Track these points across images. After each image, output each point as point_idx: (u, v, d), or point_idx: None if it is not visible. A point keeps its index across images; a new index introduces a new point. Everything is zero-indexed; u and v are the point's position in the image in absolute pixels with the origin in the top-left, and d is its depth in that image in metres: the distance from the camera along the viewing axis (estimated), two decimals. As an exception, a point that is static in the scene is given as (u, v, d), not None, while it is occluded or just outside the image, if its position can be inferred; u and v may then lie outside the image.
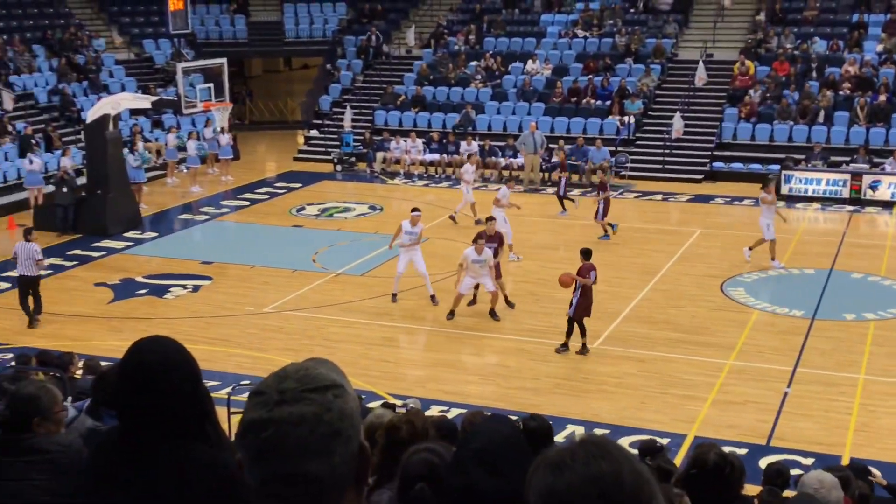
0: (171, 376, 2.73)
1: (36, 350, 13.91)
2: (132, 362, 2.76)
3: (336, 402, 2.02)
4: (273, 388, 2.02)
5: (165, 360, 2.75)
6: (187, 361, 2.82)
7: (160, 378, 2.71)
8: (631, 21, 36.28)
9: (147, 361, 2.74)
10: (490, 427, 2.72)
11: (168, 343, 2.85)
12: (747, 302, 19.33)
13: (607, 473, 1.82)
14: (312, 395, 2.01)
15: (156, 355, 2.77)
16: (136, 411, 2.73)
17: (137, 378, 2.73)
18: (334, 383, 2.05)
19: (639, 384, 15.53)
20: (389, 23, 39.69)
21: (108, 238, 24.28)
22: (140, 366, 2.75)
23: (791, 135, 30.36)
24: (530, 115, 32.79)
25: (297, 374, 2.05)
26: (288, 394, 2.00)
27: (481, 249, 17.76)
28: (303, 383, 2.02)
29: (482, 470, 2.64)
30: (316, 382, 2.03)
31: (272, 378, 2.06)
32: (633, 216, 26.66)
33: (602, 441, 1.88)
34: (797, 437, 13.71)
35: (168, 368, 2.74)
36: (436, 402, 14.69)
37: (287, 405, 1.99)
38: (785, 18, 34.80)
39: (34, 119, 31.45)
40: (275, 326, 18.40)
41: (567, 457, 1.85)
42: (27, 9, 37.17)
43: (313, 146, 34.95)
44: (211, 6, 41.11)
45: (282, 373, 2.06)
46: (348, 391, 2.07)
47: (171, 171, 31.19)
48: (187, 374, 2.78)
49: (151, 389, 2.70)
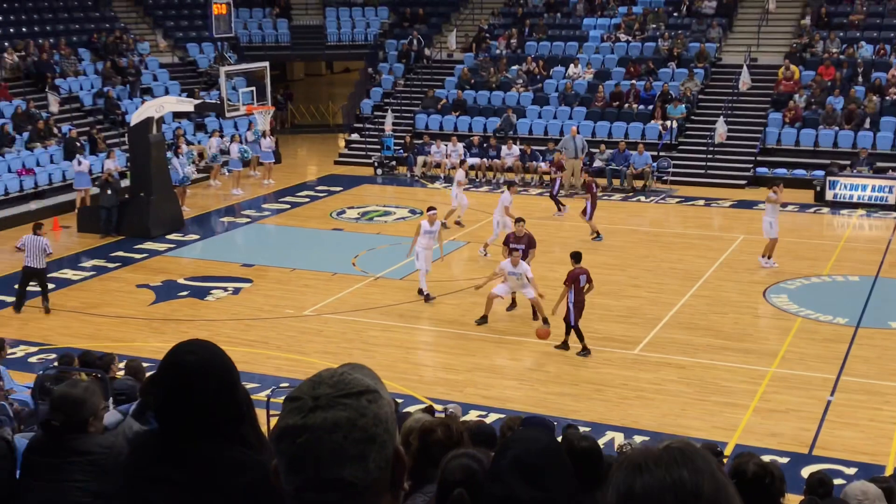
0: (208, 379, 2.75)
1: (79, 351, 14.05)
2: (170, 364, 2.80)
3: (370, 408, 2.01)
4: (308, 394, 2.02)
5: (203, 363, 2.78)
6: (225, 364, 2.84)
7: (197, 380, 2.74)
8: (674, 25, 36.07)
9: (185, 363, 2.77)
10: (528, 436, 2.69)
11: (207, 346, 2.87)
12: (790, 309, 19.11)
13: (687, 481, 1.81)
14: (347, 400, 2.00)
15: (194, 357, 2.80)
16: (175, 412, 2.76)
17: (175, 380, 2.77)
18: (368, 388, 2.04)
19: (679, 391, 15.40)
20: (431, 27, 39.74)
21: (151, 240, 24.50)
22: (178, 368, 2.78)
23: (836, 140, 30.02)
24: (572, 119, 32.68)
25: (331, 379, 2.05)
26: (322, 399, 2.00)
27: (517, 262, 17.65)
28: (337, 389, 2.02)
29: (520, 479, 2.62)
30: (350, 388, 2.03)
31: (307, 384, 2.06)
32: (675, 221, 26.48)
33: (689, 449, 1.87)
34: (840, 446, 13.53)
35: (206, 371, 2.77)
36: (474, 407, 14.66)
37: (321, 411, 1.99)
38: (830, 22, 34.42)
39: (79, 122, 31.83)
40: (314, 329, 18.46)
41: (650, 459, 1.85)
42: (73, 13, 37.64)
43: (354, 150, 35.06)
44: (254, 10, 41.40)
45: (316, 378, 2.07)
46: (383, 396, 2.06)
47: (215, 174, 31.43)
48: (225, 376, 2.80)
49: (189, 391, 2.74)
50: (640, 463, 1.85)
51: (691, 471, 1.82)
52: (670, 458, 1.84)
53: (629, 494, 1.83)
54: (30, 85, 32.68)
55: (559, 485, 2.65)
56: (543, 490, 2.59)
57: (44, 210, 27.16)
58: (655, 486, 1.81)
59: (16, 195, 27.19)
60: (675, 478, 1.81)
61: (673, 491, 1.80)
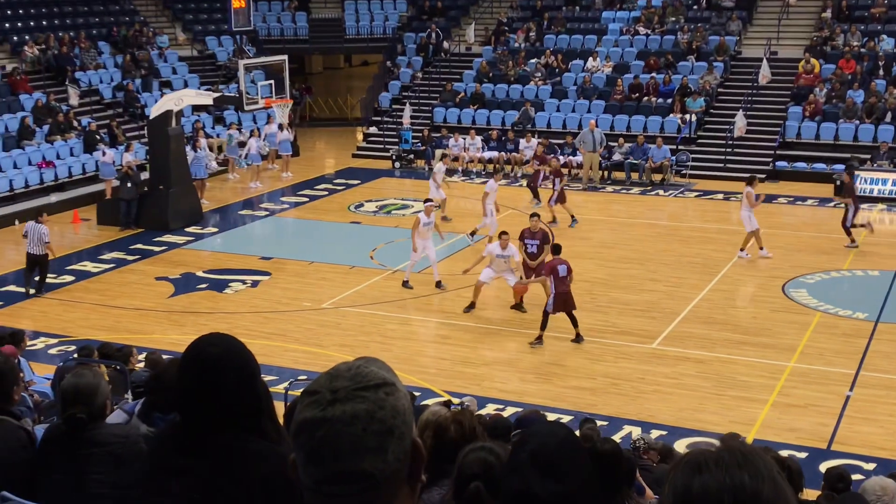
0: (229, 371, 2.81)
1: (98, 342, 14.13)
2: (192, 356, 2.84)
3: (388, 400, 2.02)
4: (325, 388, 2.03)
5: (225, 355, 2.83)
6: (246, 357, 2.88)
7: (219, 372, 2.79)
8: (693, 18, 35.90)
9: (207, 355, 2.82)
10: (545, 430, 2.70)
11: (228, 339, 2.92)
12: (809, 303, 19.03)
13: (747, 485, 1.81)
14: (365, 392, 2.01)
15: (216, 349, 2.85)
16: (196, 404, 2.80)
17: (196, 372, 2.81)
18: (385, 381, 2.05)
19: (697, 385, 15.37)
20: (450, 20, 39.69)
21: (170, 233, 24.60)
22: (199, 360, 2.82)
23: (857, 134, 29.84)
24: (590, 112, 32.59)
25: (348, 372, 2.06)
26: (340, 392, 2.01)
27: (506, 244, 17.91)
28: (355, 381, 2.03)
29: (537, 473, 2.62)
30: (367, 380, 2.04)
31: (324, 377, 2.07)
32: (694, 215, 26.40)
33: (751, 452, 1.86)
34: (859, 441, 13.48)
35: (227, 363, 2.82)
36: (492, 401, 14.67)
37: (340, 404, 2.00)
38: (851, 15, 34.19)
39: (99, 115, 31.97)
40: (332, 322, 18.50)
41: (711, 460, 1.85)
42: (93, 6, 37.79)
43: (372, 143, 35.09)
44: (273, 3, 41.48)
45: (333, 372, 2.07)
46: (400, 389, 2.07)
47: (233, 168, 31.53)
48: (246, 369, 2.85)
49: (209, 383, 2.78)
50: (700, 462, 1.85)
51: (752, 474, 1.82)
52: (731, 460, 1.84)
53: (686, 494, 1.83)
54: (50, 78, 32.83)
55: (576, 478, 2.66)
56: (561, 483, 2.59)
57: (63, 202, 27.33)
58: (714, 486, 1.81)
59: (36, 188, 27.35)
60: (736, 481, 1.81)
61: (732, 493, 1.80)
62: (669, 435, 13.28)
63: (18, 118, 29.11)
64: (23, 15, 35.18)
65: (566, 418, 13.67)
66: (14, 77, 31.14)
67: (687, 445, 13.11)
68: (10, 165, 27.44)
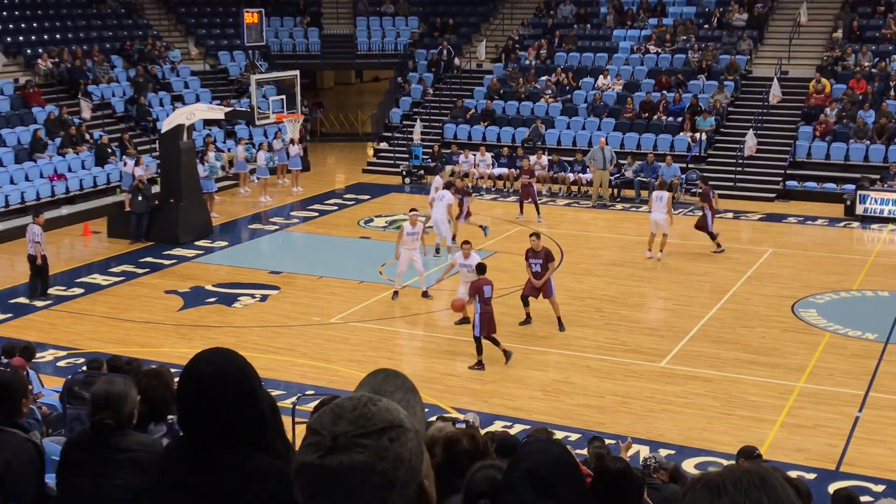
0: (226, 388, 2.76)
1: (107, 355, 14.14)
2: (188, 374, 2.82)
3: (392, 448, 1.95)
4: (327, 430, 1.97)
5: (221, 372, 2.79)
6: (244, 372, 2.83)
7: (215, 389, 2.76)
8: (704, 37, 35.95)
9: (202, 373, 2.79)
10: (540, 448, 2.69)
11: (226, 355, 2.86)
12: (819, 324, 18.97)
13: None
14: (366, 440, 1.94)
15: (212, 367, 2.80)
16: (194, 422, 2.78)
17: (192, 390, 2.78)
18: (392, 424, 1.97)
19: (706, 404, 15.32)
20: (461, 36, 39.81)
21: (180, 246, 24.64)
22: (195, 377, 2.80)
23: (867, 154, 29.80)
24: (600, 130, 32.62)
25: (352, 413, 1.98)
26: (340, 439, 1.94)
27: (468, 254, 18.10)
28: (357, 426, 1.95)
29: (532, 491, 2.61)
30: (371, 425, 1.96)
31: (328, 415, 2.00)
32: (704, 234, 26.32)
33: (768, 475, 1.85)
34: (868, 463, 13.41)
35: (223, 380, 2.78)
36: (499, 418, 14.64)
37: (339, 453, 1.93)
38: (863, 36, 34.20)
39: (111, 128, 32.10)
40: (340, 337, 18.50)
41: (729, 482, 1.83)
42: (107, 20, 38.00)
43: (382, 158, 35.16)
44: (285, 19, 41.64)
45: (338, 410, 2.00)
46: (407, 430, 1.99)
47: (243, 182, 31.61)
48: (244, 385, 2.81)
49: (206, 401, 2.75)
50: (719, 484, 1.83)
51: (771, 498, 1.81)
52: (750, 483, 1.82)
53: None
54: (63, 91, 33.01)
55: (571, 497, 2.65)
56: (556, 502, 2.59)
57: (74, 215, 27.43)
58: None
59: (47, 200, 27.43)
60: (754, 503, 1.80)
61: None
62: (678, 454, 13.23)
63: (31, 131, 29.26)
64: (36, 28, 35.40)
65: (574, 436, 13.64)
66: (27, 90, 31.31)
67: (696, 465, 13.07)
68: (22, 177, 27.56)
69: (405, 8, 41.70)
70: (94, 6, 38.21)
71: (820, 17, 35.64)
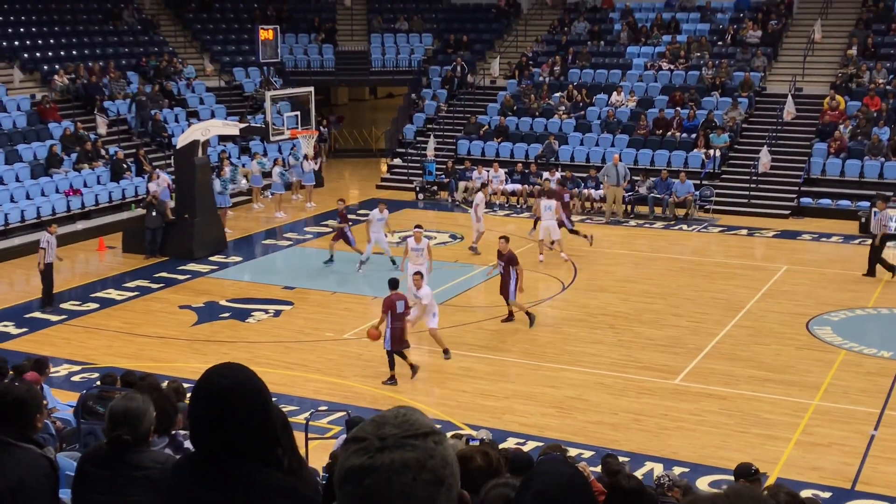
0: (239, 402, 2.76)
1: (121, 370, 14.18)
2: (201, 388, 2.81)
3: (438, 449, 1.99)
4: (373, 434, 1.99)
5: (234, 387, 2.78)
6: (256, 388, 2.82)
7: (228, 404, 2.75)
8: (718, 54, 35.94)
9: (216, 387, 2.78)
10: (551, 469, 2.68)
11: (239, 369, 2.85)
12: (834, 341, 18.89)
13: None
14: (414, 441, 1.97)
15: (225, 381, 2.80)
16: (206, 436, 2.78)
17: (205, 404, 2.78)
18: (433, 430, 2.02)
19: (720, 422, 15.25)
20: (475, 53, 39.91)
21: (194, 261, 24.72)
22: (208, 392, 2.79)
23: (882, 171, 29.71)
24: (614, 146, 32.63)
25: (395, 420, 2.02)
26: (389, 440, 1.97)
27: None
28: (403, 429, 1.99)
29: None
30: (416, 428, 2.00)
31: (370, 424, 2.03)
32: (718, 251, 26.29)
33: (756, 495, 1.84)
34: (884, 481, 13.32)
35: (236, 394, 2.77)
36: (512, 434, 14.61)
37: (389, 451, 1.95)
38: (877, 53, 34.13)
39: (126, 144, 32.27)
40: (354, 353, 18.50)
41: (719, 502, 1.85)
42: (123, 37, 38.24)
43: (396, 174, 35.22)
44: (300, 36, 41.82)
45: (380, 419, 2.03)
46: (446, 438, 2.04)
47: (257, 197, 31.71)
48: (256, 400, 2.80)
49: (219, 415, 2.75)
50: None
51: None
52: None
53: None
54: (79, 107, 33.20)
55: None
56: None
57: (90, 230, 27.56)
58: None
59: (63, 215, 27.56)
60: None
61: None
62: (692, 472, 13.17)
63: (47, 146, 29.43)
64: (53, 45, 35.64)
65: (587, 454, 13.60)
66: (43, 105, 31.51)
67: (709, 483, 13.01)
68: (38, 193, 27.72)
69: (419, 25, 41.83)
70: (111, 23, 38.48)
71: (834, 34, 35.60)
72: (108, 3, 39.22)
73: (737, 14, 37.68)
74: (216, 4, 42.23)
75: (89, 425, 9.21)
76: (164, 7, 41.64)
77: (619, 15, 39.35)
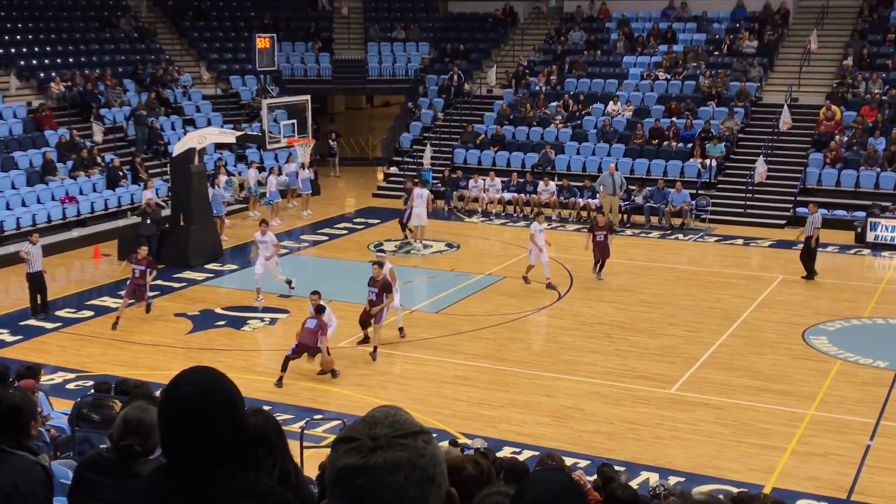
0: (206, 409, 2.71)
1: (116, 378, 14.15)
2: (167, 397, 2.78)
3: (428, 448, 2.02)
4: (365, 434, 2.02)
5: (200, 393, 2.73)
6: (223, 392, 2.77)
7: (194, 411, 2.70)
8: (714, 64, 36.01)
9: (180, 396, 2.74)
10: (545, 477, 2.67)
11: (207, 374, 2.80)
12: (829, 351, 18.90)
13: None
14: (405, 440, 2.01)
15: (190, 388, 2.75)
16: (175, 444, 2.75)
17: (171, 412, 2.74)
18: (423, 429, 2.05)
19: (715, 432, 15.24)
20: (471, 62, 39.96)
21: (190, 269, 24.68)
22: (173, 400, 2.75)
23: (878, 181, 29.76)
24: (610, 156, 32.67)
25: (386, 419, 2.05)
26: (381, 440, 2.00)
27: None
28: (394, 429, 2.02)
29: None
30: (406, 428, 2.03)
31: (361, 424, 2.05)
32: (714, 260, 26.31)
33: None
34: (880, 492, 13.31)
35: (202, 401, 2.72)
36: (508, 444, 14.59)
37: (382, 451, 1.98)
38: (873, 63, 34.22)
39: (122, 151, 32.25)
40: (349, 361, 18.46)
41: None
42: (120, 44, 38.25)
43: (393, 183, 35.23)
44: (297, 44, 41.84)
45: (370, 419, 2.06)
46: (433, 436, 2.07)
47: (253, 205, 31.70)
48: (222, 405, 2.75)
49: (185, 423, 2.71)
50: None
51: None
52: None
53: None
54: (75, 114, 33.19)
55: None
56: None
57: (85, 238, 27.52)
58: None
59: (58, 223, 27.54)
60: None
61: None
62: (687, 482, 13.15)
63: (42, 153, 29.40)
64: (49, 52, 35.63)
65: (583, 463, 13.58)
66: (40, 113, 31.48)
67: (709, 492, 12.98)
68: (34, 200, 27.68)
69: (416, 34, 41.89)
70: (107, 30, 38.49)
71: (830, 44, 35.70)
72: (104, 11, 39.25)
73: (733, 24, 37.78)
74: (213, 13, 42.26)
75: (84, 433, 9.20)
76: (160, 15, 41.66)
77: (615, 24, 39.44)
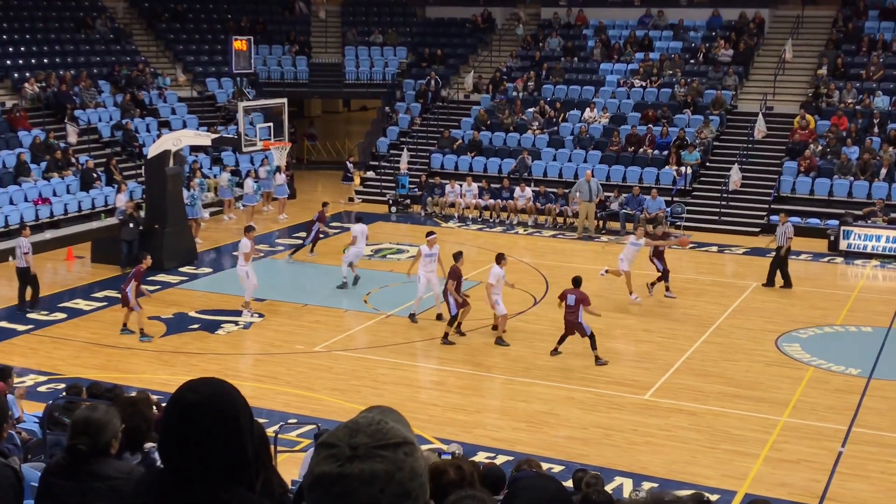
0: (210, 419, 2.64)
1: (88, 381, 14.03)
2: (172, 404, 2.71)
3: (407, 461, 2.00)
4: (345, 442, 2.00)
5: (206, 402, 2.65)
6: (230, 404, 2.70)
7: (197, 421, 2.63)
8: (690, 72, 36.20)
9: (186, 402, 2.67)
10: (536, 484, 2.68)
11: (213, 385, 2.72)
12: (802, 358, 19.01)
13: None
14: (384, 452, 1.98)
15: (196, 395, 2.68)
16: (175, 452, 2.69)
17: (175, 419, 2.68)
18: (405, 440, 2.03)
19: (689, 438, 15.29)
20: (449, 67, 39.99)
21: (164, 272, 24.53)
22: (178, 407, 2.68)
23: (851, 190, 29.99)
24: (586, 162, 32.76)
25: (368, 428, 2.03)
26: (360, 449, 1.98)
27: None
28: (375, 439, 2.00)
29: None
30: (388, 438, 2.01)
31: (343, 430, 2.03)
32: (688, 267, 26.40)
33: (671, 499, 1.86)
34: (851, 498, 13.39)
35: (208, 410, 2.65)
36: (483, 449, 14.58)
37: (359, 461, 1.96)
38: (847, 73, 34.50)
39: (97, 153, 32.04)
40: (324, 366, 18.42)
41: None
42: (95, 45, 38.01)
43: (369, 187, 35.19)
44: (273, 47, 41.75)
45: (353, 426, 2.04)
46: (417, 448, 2.05)
47: (228, 208, 31.56)
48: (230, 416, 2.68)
49: (187, 432, 2.64)
50: None
51: None
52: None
53: None
54: (49, 115, 32.95)
55: None
56: (552, 537, 2.57)
57: (58, 240, 27.31)
58: None
59: (31, 224, 27.29)
60: None
61: None
62: (661, 487, 13.17)
63: (16, 154, 29.15)
64: (24, 52, 35.38)
65: (557, 468, 13.59)
66: (13, 114, 31.24)
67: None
68: (7, 201, 27.45)
69: (394, 38, 41.87)
70: (83, 31, 38.25)
71: (805, 53, 35.97)
72: (80, 12, 39.00)
73: (709, 32, 37.99)
74: (190, 14, 42.09)
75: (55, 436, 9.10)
76: (137, 16, 41.45)
77: (592, 31, 39.57)
